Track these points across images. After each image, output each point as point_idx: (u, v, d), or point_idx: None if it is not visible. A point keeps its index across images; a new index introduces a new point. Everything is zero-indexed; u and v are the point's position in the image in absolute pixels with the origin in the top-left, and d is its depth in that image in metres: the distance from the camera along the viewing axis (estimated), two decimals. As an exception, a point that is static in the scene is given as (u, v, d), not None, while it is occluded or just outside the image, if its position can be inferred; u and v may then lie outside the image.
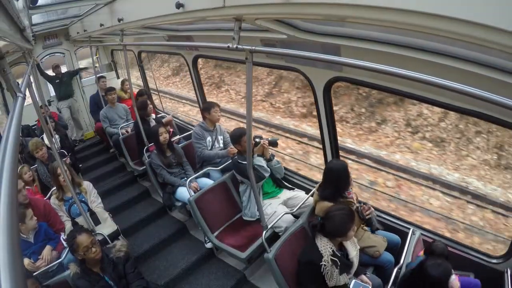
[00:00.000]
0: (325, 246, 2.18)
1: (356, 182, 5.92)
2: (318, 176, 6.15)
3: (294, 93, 9.51)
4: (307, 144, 7.42)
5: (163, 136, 3.77)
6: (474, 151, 6.45)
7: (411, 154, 6.79)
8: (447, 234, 4.25)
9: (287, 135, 7.89)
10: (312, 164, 6.76)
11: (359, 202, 2.64)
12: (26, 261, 2.69)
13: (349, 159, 6.54)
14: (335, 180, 2.58)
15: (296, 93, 9.44)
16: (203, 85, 4.79)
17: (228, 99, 10.78)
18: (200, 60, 4.60)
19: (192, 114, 10.36)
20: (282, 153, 6.97)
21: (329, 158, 3.14)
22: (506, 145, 6.30)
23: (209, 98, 5.58)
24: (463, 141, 6.67)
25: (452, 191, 5.63)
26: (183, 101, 11.43)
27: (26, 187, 3.37)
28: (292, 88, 9.67)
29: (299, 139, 7.62)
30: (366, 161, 6.54)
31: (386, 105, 7.90)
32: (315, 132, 7.65)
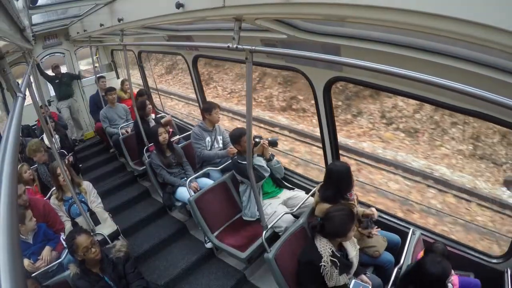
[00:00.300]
0: (324, 246, 2.18)
1: (317, 165, 6.20)
2: (283, 160, 6.24)
3: (276, 88, 9.96)
4: (277, 133, 7.88)
5: (163, 136, 3.77)
6: (449, 142, 6.55)
7: (381, 143, 6.92)
8: (400, 214, 4.28)
9: (261, 125, 8.37)
10: (279, 150, 7.06)
11: (368, 220, 2.62)
12: (26, 261, 2.68)
13: (315, 145, 6.74)
14: (337, 181, 2.57)
15: (278, 88, 9.91)
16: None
17: (215, 94, 11.37)
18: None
19: (177, 108, 11.08)
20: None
21: (329, 157, 3.14)
22: (483, 136, 6.39)
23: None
24: (437, 132, 6.78)
25: (415, 176, 5.75)
26: (171, 96, 12.16)
27: (26, 186, 3.36)
28: (274, 83, 10.08)
29: (271, 128, 8.21)
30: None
31: (362, 98, 8.05)
32: (290, 123, 8.14)
